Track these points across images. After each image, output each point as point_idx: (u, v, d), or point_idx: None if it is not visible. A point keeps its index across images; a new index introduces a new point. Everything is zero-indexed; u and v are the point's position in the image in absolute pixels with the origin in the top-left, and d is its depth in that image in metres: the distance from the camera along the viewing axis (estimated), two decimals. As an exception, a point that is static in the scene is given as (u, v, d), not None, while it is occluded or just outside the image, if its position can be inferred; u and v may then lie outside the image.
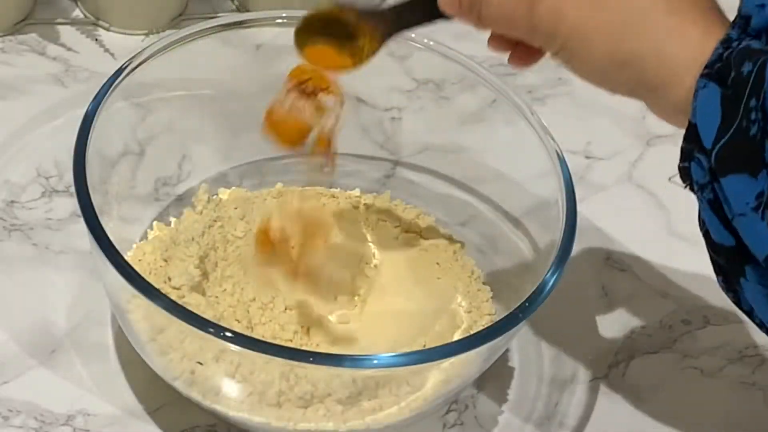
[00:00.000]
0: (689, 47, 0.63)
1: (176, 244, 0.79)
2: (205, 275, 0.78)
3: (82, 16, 1.00)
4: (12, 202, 0.86)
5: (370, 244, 0.84)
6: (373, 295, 0.82)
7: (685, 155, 0.62)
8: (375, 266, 0.83)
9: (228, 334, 0.67)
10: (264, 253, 0.82)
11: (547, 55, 0.68)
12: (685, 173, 0.63)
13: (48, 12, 1.00)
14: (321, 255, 0.83)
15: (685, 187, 0.64)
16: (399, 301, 0.82)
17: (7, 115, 0.91)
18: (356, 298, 0.82)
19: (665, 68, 0.63)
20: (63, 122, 0.91)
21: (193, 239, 0.79)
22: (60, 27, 0.99)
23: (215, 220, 0.82)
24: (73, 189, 0.73)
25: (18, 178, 0.88)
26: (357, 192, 0.87)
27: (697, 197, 0.63)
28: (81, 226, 0.72)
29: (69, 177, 0.76)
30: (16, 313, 0.80)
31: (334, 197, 0.86)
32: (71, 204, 0.86)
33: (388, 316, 0.81)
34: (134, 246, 0.80)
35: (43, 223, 0.85)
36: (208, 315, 0.73)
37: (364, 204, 0.86)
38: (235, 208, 0.83)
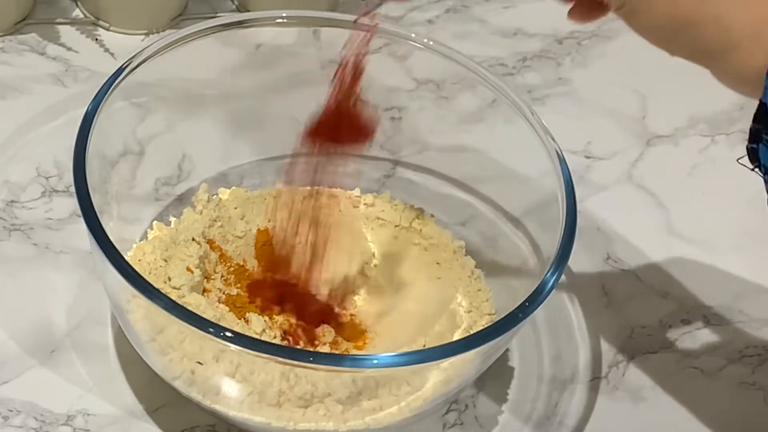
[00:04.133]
0: (751, 14, 0.61)
1: (176, 244, 0.79)
2: (205, 275, 0.78)
3: (82, 15, 1.00)
4: (12, 202, 0.86)
5: (370, 244, 0.84)
6: (373, 295, 0.82)
7: (754, 136, 0.61)
8: (375, 266, 0.83)
9: (228, 334, 0.67)
10: (264, 253, 0.82)
11: (606, 16, 0.67)
12: (753, 155, 0.62)
13: (48, 12, 1.00)
14: (321, 255, 0.83)
15: (753, 169, 0.62)
16: (399, 301, 0.82)
17: (7, 115, 0.91)
18: (356, 298, 0.82)
19: (725, 34, 0.62)
20: (63, 122, 0.91)
21: (193, 239, 0.79)
22: (60, 27, 0.99)
23: (215, 220, 0.82)
24: (73, 189, 0.73)
25: (18, 178, 0.88)
26: (357, 192, 0.87)
27: (765, 180, 0.62)
28: (81, 226, 0.72)
29: (69, 177, 0.76)
30: (16, 313, 0.80)
31: (334, 197, 0.86)
32: (71, 204, 0.86)
33: (388, 316, 0.81)
34: (134, 246, 0.80)
35: (43, 223, 0.85)
36: (208, 315, 0.73)
37: (364, 204, 0.86)
38: (235, 208, 0.83)
